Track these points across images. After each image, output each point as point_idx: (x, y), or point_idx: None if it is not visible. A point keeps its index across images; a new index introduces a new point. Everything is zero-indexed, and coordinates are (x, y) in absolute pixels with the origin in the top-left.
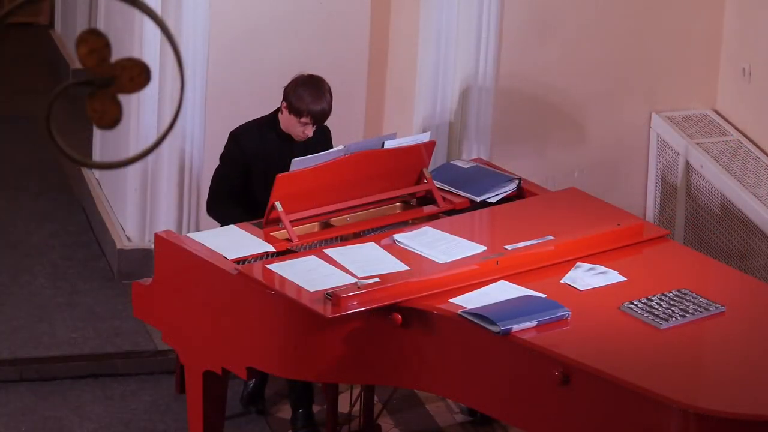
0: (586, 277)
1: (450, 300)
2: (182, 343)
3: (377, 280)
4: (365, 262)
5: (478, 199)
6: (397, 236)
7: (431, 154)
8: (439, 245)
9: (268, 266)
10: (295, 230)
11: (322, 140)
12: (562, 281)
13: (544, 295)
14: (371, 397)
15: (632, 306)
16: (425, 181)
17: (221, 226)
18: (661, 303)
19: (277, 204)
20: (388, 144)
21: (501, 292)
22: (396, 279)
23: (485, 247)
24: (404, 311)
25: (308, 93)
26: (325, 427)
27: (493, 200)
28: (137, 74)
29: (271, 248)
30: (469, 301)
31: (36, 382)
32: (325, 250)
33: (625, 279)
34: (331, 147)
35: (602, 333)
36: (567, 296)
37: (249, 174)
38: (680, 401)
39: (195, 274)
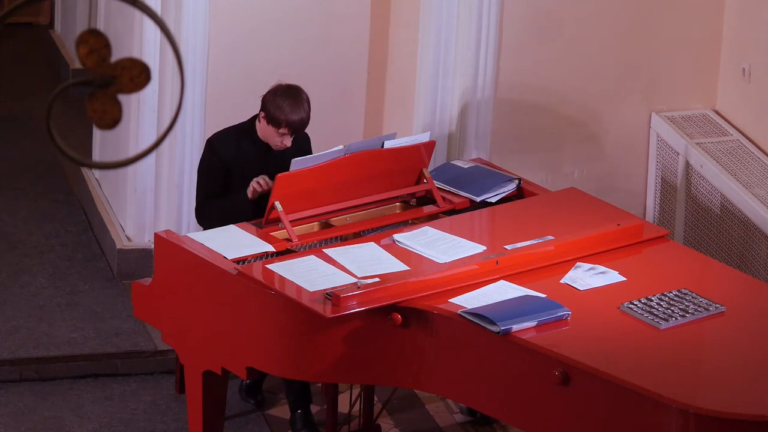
0: (586, 277)
1: (450, 300)
2: (182, 343)
3: (377, 280)
4: (365, 262)
5: (478, 199)
6: (397, 236)
7: (431, 154)
8: (439, 245)
9: (267, 266)
10: (295, 230)
11: (301, 147)
12: (562, 281)
13: (544, 295)
14: (371, 397)
15: (632, 306)
16: (425, 181)
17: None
18: (661, 303)
19: (277, 204)
20: (388, 144)
21: (501, 292)
22: (396, 279)
23: (485, 247)
24: (404, 311)
25: (287, 103)
26: (325, 428)
27: (493, 200)
28: (137, 74)
29: (270, 248)
30: (469, 301)
31: (36, 382)
32: (325, 250)
33: (625, 279)
34: (311, 154)
35: (602, 333)
36: (567, 296)
37: (228, 180)
38: (680, 401)
39: (195, 274)
